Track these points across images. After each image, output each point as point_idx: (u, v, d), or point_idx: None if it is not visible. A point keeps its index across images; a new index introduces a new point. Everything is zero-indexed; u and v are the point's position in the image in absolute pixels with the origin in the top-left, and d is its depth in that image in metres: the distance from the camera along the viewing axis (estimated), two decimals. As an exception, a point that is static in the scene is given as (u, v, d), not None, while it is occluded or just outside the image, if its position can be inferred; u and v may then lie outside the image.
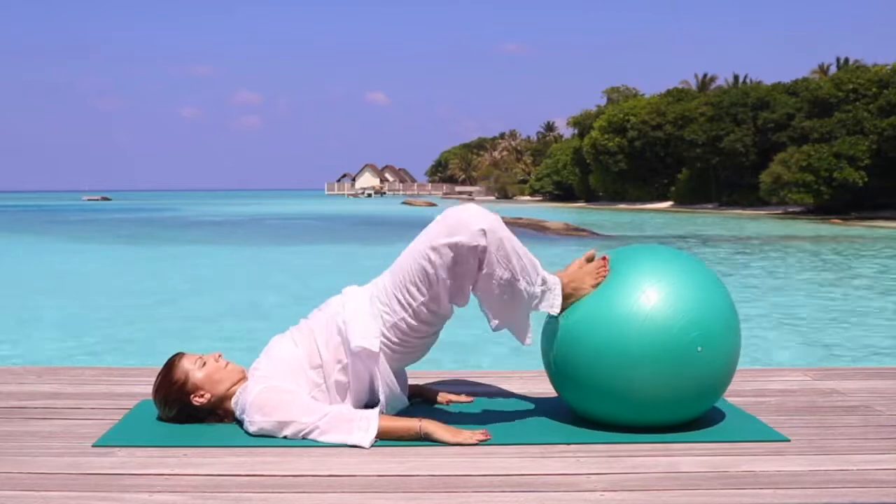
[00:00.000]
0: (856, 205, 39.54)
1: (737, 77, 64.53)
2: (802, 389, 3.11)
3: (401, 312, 2.49)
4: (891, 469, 2.20)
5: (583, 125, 65.53)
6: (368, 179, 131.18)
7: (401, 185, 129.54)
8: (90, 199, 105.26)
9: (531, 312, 2.57)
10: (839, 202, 39.41)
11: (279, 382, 2.50)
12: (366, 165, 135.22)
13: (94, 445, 2.39)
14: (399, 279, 2.48)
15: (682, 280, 2.51)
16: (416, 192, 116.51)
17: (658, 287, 2.47)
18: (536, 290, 2.52)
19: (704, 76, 67.51)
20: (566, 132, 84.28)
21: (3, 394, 3.00)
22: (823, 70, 58.60)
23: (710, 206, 50.87)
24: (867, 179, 38.65)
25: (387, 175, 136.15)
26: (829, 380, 3.27)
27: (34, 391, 3.04)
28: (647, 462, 2.26)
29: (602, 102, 68.85)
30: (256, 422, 2.45)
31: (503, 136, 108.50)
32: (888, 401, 2.92)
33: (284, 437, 2.43)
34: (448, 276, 2.43)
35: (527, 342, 2.60)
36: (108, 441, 2.42)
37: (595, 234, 25.90)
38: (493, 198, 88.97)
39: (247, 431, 2.48)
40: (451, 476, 2.14)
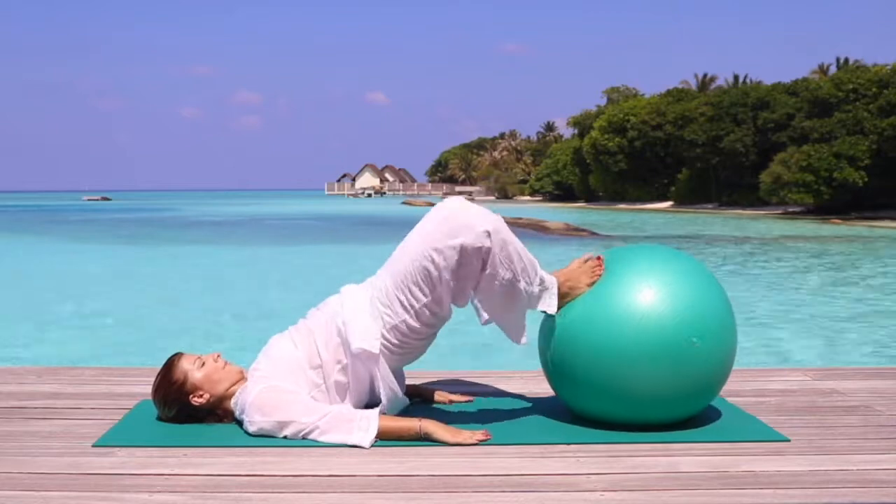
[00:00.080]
0: (856, 205, 39.52)
1: (737, 77, 64.51)
2: (802, 389, 3.12)
3: (402, 314, 2.49)
4: (891, 469, 2.20)
5: (583, 125, 65.50)
6: (368, 179, 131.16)
7: (401, 185, 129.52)
8: (90, 199, 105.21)
9: (528, 312, 2.58)
10: (839, 202, 39.39)
11: (279, 382, 2.50)
12: (366, 165, 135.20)
13: (94, 445, 2.39)
14: (400, 280, 2.48)
15: (679, 279, 2.51)
16: (416, 192, 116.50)
17: (654, 285, 2.48)
18: (535, 290, 2.53)
19: (704, 76, 67.49)
20: (566, 132, 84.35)
21: (3, 394, 3.00)
22: (823, 70, 58.60)
23: (710, 207, 50.86)
24: (867, 179, 38.64)
25: (387, 175, 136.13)
26: (829, 380, 3.27)
27: (34, 391, 3.04)
28: (647, 462, 2.26)
29: (602, 102, 68.86)
30: (256, 422, 2.45)
31: (503, 136, 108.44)
32: (888, 401, 2.92)
33: (284, 437, 2.43)
34: (451, 278, 2.43)
35: (522, 341, 2.60)
36: (108, 441, 2.43)
37: (595, 234, 25.90)
38: (493, 198, 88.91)
39: (246, 431, 2.48)
40: (451, 476, 2.14)
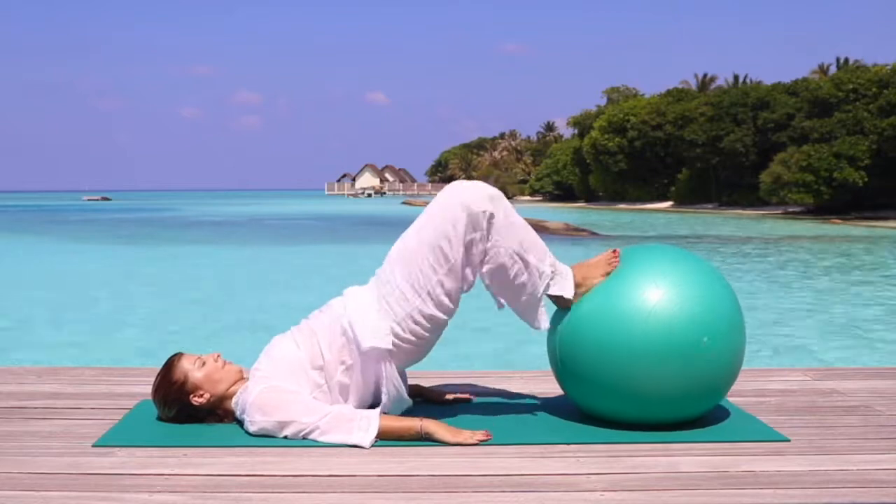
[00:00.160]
0: (856, 205, 39.52)
1: (737, 77, 64.52)
2: (802, 389, 3.12)
3: (414, 300, 2.47)
4: (891, 469, 2.20)
5: (583, 125, 65.51)
6: (368, 179, 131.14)
7: (401, 185, 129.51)
8: (90, 199, 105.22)
9: (543, 295, 2.56)
10: (839, 202, 39.39)
11: (280, 382, 2.49)
12: (366, 165, 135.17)
13: (94, 445, 2.39)
14: (410, 260, 2.48)
15: (688, 279, 2.51)
16: (416, 192, 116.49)
17: (664, 285, 2.48)
18: (546, 269, 2.52)
19: (704, 76, 67.50)
20: (566, 132, 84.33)
21: (3, 394, 3.00)
22: (823, 70, 58.60)
23: (710, 206, 50.86)
24: (867, 179, 38.65)
25: (387, 175, 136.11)
26: (829, 380, 3.27)
27: (34, 391, 3.04)
28: (647, 462, 2.26)
29: (602, 102, 68.91)
30: (257, 422, 2.45)
31: (503, 136, 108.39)
32: (888, 401, 2.92)
33: (285, 437, 2.43)
34: (463, 247, 2.44)
35: (543, 326, 2.59)
36: (108, 441, 2.42)
37: (595, 234, 25.89)
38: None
39: (247, 431, 2.48)
40: (451, 476, 2.14)
